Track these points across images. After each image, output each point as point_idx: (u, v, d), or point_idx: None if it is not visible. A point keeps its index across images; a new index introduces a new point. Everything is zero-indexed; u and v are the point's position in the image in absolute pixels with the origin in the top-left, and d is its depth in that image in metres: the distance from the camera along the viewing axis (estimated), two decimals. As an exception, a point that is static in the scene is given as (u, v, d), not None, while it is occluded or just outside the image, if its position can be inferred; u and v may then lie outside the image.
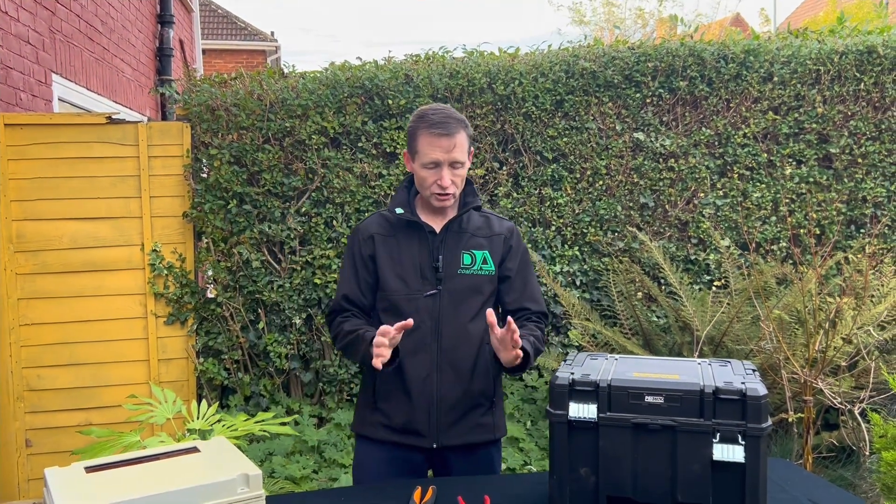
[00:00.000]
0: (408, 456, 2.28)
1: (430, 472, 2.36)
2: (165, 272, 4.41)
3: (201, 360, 4.51)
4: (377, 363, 2.00)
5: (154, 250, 4.39)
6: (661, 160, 4.80)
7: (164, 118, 7.60)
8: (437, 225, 2.29)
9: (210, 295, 4.63)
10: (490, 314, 2.05)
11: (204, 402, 2.91)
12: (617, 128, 4.74)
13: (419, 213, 2.31)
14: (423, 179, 2.24)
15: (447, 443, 2.26)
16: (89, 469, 1.67)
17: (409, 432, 2.26)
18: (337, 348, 2.38)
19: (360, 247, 2.31)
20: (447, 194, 2.23)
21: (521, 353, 2.12)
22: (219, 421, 2.79)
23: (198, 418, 2.77)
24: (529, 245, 4.71)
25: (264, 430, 2.75)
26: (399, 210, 2.29)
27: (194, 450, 1.77)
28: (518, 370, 2.20)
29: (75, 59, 5.39)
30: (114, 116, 4.37)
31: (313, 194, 4.57)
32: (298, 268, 4.56)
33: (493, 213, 2.42)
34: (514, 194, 4.75)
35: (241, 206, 4.50)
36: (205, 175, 4.53)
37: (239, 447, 1.92)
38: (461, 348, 2.25)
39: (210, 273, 4.58)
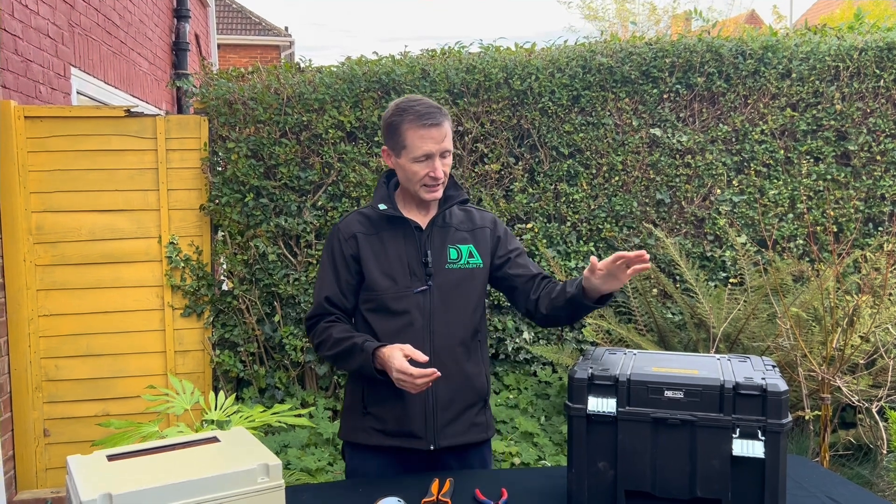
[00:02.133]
0: (404, 459, 2.22)
1: None
2: (182, 264, 4.43)
3: (217, 352, 4.54)
4: (415, 390, 2.00)
5: (171, 243, 4.42)
6: (677, 156, 4.78)
7: (179, 112, 7.63)
8: (421, 220, 2.24)
9: (226, 287, 4.65)
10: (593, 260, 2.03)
11: (222, 393, 2.93)
12: (633, 123, 4.73)
13: (401, 209, 2.25)
14: (413, 173, 2.16)
15: (444, 444, 2.20)
16: (111, 457, 1.68)
17: (405, 435, 2.19)
18: (322, 355, 2.23)
19: (342, 247, 2.23)
20: (438, 185, 2.18)
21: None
22: (236, 412, 2.81)
23: (215, 409, 2.79)
24: (544, 240, 4.70)
25: (281, 422, 2.77)
26: (382, 206, 2.21)
27: (214, 440, 1.78)
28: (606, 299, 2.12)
29: (93, 53, 5.42)
30: (132, 109, 4.40)
31: (329, 188, 4.58)
32: (314, 261, 4.58)
33: (473, 207, 2.37)
34: (530, 189, 4.74)
35: (258, 199, 4.52)
36: (222, 168, 4.54)
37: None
38: (453, 346, 2.20)
39: (226, 266, 4.61)
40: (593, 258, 2.04)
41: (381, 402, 2.18)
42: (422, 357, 2.00)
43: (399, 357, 2.00)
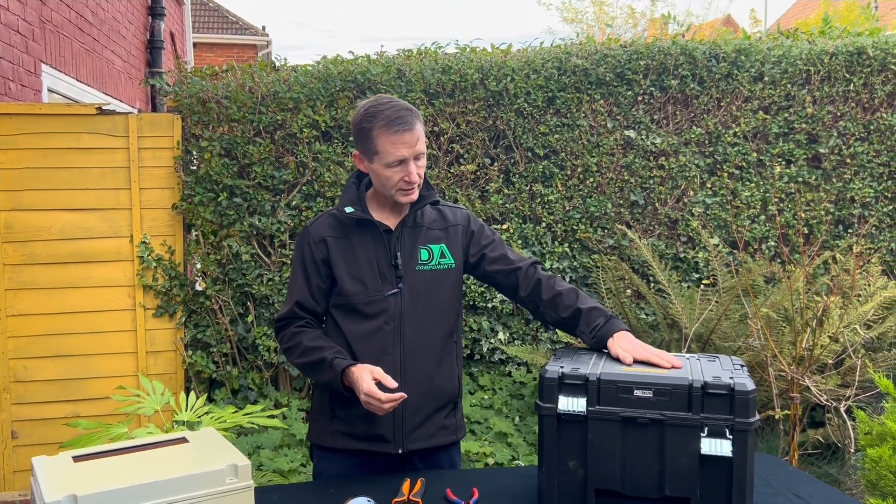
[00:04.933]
0: (372, 463, 2.19)
1: None
2: (154, 264, 4.39)
3: (189, 352, 4.50)
4: (383, 411, 1.98)
5: (143, 242, 4.37)
6: (651, 158, 4.81)
7: (154, 110, 7.56)
8: (391, 222, 2.20)
9: (199, 287, 4.61)
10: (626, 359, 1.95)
11: (192, 393, 2.91)
12: (608, 125, 4.76)
13: (371, 211, 2.20)
14: (387, 179, 2.11)
15: (413, 447, 2.17)
16: (77, 458, 1.66)
17: (373, 439, 2.15)
18: (291, 361, 2.19)
19: (312, 250, 2.18)
20: (414, 188, 2.13)
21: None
22: (207, 413, 2.79)
23: (186, 410, 2.77)
24: (519, 241, 4.72)
25: (252, 423, 2.75)
26: (349, 209, 2.16)
27: (183, 440, 1.76)
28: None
29: (65, 50, 5.36)
30: (104, 107, 4.35)
31: (304, 188, 4.56)
32: (288, 261, 4.55)
33: (446, 204, 2.32)
34: (505, 190, 4.75)
35: (232, 198, 4.49)
36: (195, 167, 4.51)
37: (227, 439, 1.91)
38: (424, 348, 2.17)
39: (199, 266, 4.57)
40: (625, 358, 1.96)
41: (349, 405, 2.14)
42: (391, 383, 1.98)
43: (368, 380, 1.97)
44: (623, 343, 2.02)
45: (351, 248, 2.17)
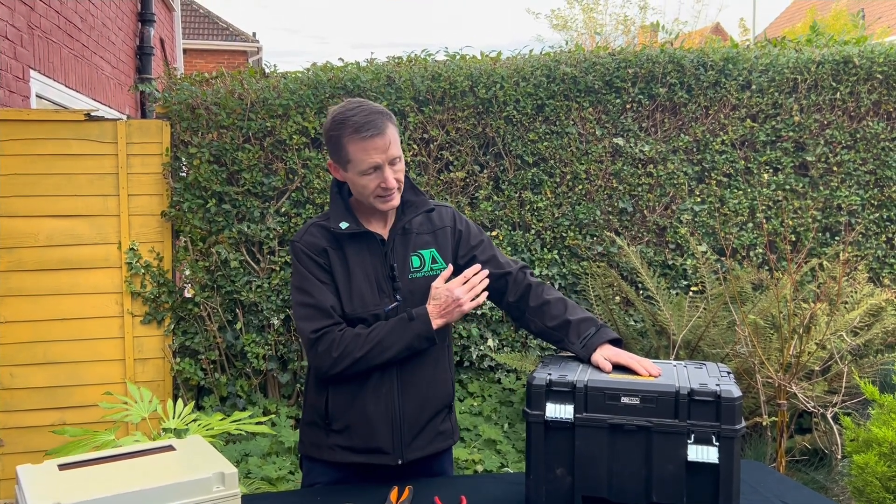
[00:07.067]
0: (368, 475, 2.15)
1: None
2: (143, 271, 4.37)
3: (178, 359, 4.48)
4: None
5: (131, 249, 4.36)
6: (640, 166, 4.83)
7: (143, 117, 7.55)
8: (380, 229, 2.14)
9: (187, 294, 4.60)
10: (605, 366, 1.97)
11: (180, 401, 2.90)
12: (597, 133, 4.77)
13: (360, 220, 2.13)
14: (363, 187, 2.04)
15: (412, 457, 2.14)
16: (63, 466, 1.65)
17: (373, 451, 2.11)
18: (352, 359, 2.01)
19: (317, 260, 2.08)
20: (393, 193, 2.06)
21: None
22: (195, 420, 2.78)
23: (174, 417, 2.76)
24: (509, 248, 4.72)
25: (241, 430, 2.74)
26: (344, 224, 2.08)
27: (169, 448, 1.76)
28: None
29: (54, 56, 5.34)
30: (92, 113, 4.34)
31: (293, 194, 4.56)
32: (277, 268, 4.55)
33: (433, 204, 2.25)
34: (495, 197, 4.76)
35: (220, 205, 4.48)
36: (184, 174, 4.50)
37: (214, 447, 1.90)
38: (420, 357, 2.12)
39: (188, 272, 4.55)
40: (604, 365, 1.98)
41: (347, 418, 2.10)
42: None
43: (451, 283, 2.06)
44: (604, 351, 2.03)
45: (347, 262, 2.10)
